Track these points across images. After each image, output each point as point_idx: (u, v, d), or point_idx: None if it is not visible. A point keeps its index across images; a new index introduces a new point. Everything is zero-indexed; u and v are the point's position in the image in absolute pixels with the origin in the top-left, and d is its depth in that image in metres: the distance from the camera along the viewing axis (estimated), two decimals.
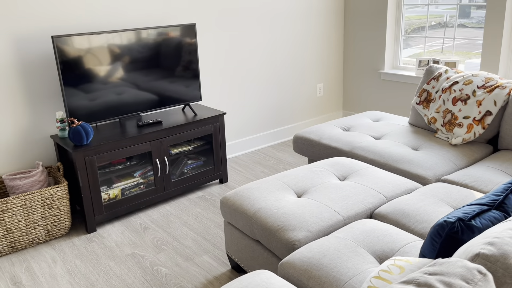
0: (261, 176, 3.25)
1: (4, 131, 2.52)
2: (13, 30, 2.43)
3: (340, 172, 2.18)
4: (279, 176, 2.12)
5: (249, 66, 3.56)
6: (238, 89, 3.54)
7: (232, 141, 3.61)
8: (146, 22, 2.93)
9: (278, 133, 3.93)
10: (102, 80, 2.58)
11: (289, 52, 3.81)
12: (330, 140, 2.66)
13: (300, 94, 4.02)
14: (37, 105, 2.60)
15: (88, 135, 2.43)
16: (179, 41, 2.83)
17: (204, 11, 3.18)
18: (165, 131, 2.71)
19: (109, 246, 2.40)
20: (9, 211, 2.28)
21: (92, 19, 2.69)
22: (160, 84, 2.83)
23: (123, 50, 2.62)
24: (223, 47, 3.35)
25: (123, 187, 2.68)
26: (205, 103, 3.37)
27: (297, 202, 1.88)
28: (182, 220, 2.65)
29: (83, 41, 2.45)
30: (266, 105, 3.77)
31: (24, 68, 2.51)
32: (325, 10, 3.97)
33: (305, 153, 2.80)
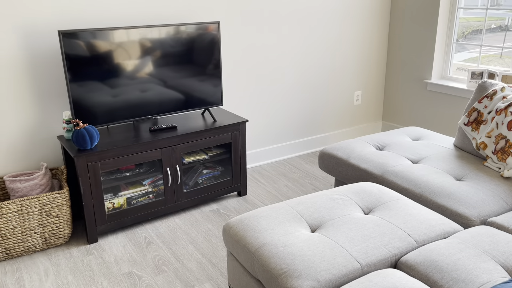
0: (283, 191, 2.97)
1: (10, 129, 2.39)
2: (21, 25, 2.28)
3: (365, 202, 1.87)
4: (293, 203, 1.84)
5: (278, 70, 3.28)
6: (266, 93, 3.27)
7: (256, 148, 3.36)
8: (163, 18, 2.71)
9: (308, 143, 3.63)
10: (113, 80, 2.39)
11: (324, 56, 3.49)
12: (359, 160, 2.34)
13: (335, 102, 3.69)
14: (46, 103, 2.46)
15: (93, 139, 2.25)
16: (200, 40, 2.60)
17: (229, 9, 2.93)
18: (178, 138, 2.49)
19: (107, 261, 2.22)
20: (4, 217, 2.14)
21: (105, 14, 2.50)
22: (178, 86, 2.61)
23: (137, 48, 2.41)
24: (249, 49, 3.09)
25: (130, 195, 2.49)
26: (228, 108, 3.12)
27: (309, 239, 1.59)
28: (189, 236, 2.43)
29: (92, 38, 2.26)
30: (296, 111, 3.48)
31: (33, 65, 2.36)
32: (368, 10, 3.61)
33: (331, 171, 2.50)
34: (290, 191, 2.97)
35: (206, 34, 2.61)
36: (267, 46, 3.16)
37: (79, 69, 2.27)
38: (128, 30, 2.35)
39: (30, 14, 2.29)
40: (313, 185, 3.06)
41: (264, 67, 3.20)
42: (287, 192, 2.95)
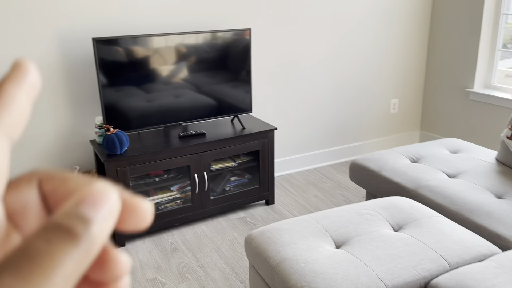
0: (312, 201, 2.90)
1: (46, 132, 2.46)
2: (58, 32, 2.34)
3: (395, 218, 1.78)
4: (318, 216, 1.78)
5: (310, 76, 3.22)
6: (298, 100, 3.22)
7: (286, 156, 3.30)
8: (194, 25, 2.72)
9: (340, 152, 3.54)
10: (144, 87, 2.41)
11: (358, 62, 3.40)
12: (392, 173, 2.24)
13: (370, 110, 3.58)
14: (80, 108, 2.51)
15: (123, 144, 2.27)
16: (231, 47, 2.58)
17: (261, 16, 2.90)
18: (206, 145, 2.48)
19: (133, 266, 2.23)
20: None
21: (136, 21, 2.54)
22: (209, 93, 2.60)
23: (168, 55, 2.43)
24: (281, 55, 3.05)
25: (158, 201, 2.50)
26: (258, 115, 3.09)
27: (332, 255, 1.53)
28: (215, 244, 2.41)
29: (123, 45, 2.30)
30: (328, 119, 3.40)
31: (68, 71, 2.42)
32: (406, 15, 3.49)
33: (362, 183, 2.41)
34: (320, 202, 2.89)
35: (238, 40, 2.59)
36: (299, 52, 3.11)
37: (111, 76, 2.31)
38: (159, 37, 2.37)
39: (67, 22, 2.35)
40: (344, 196, 2.97)
41: (296, 74, 3.15)
42: (316, 203, 2.88)
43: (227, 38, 2.55)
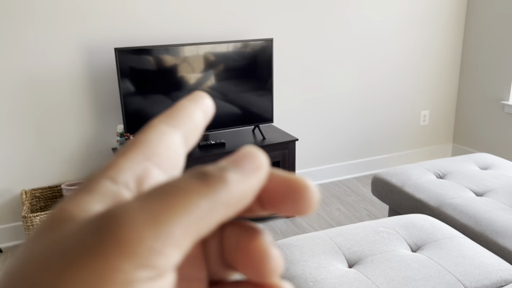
0: (334, 215, 2.83)
1: (70, 140, 2.52)
2: (82, 42, 2.41)
3: (413, 238, 1.69)
4: (332, 233, 1.72)
5: (335, 86, 3.15)
6: (321, 111, 3.16)
7: (310, 168, 3.25)
8: (214, 36, 2.72)
9: (367, 164, 3.45)
10: (165, 96, 2.43)
11: (386, 72, 3.30)
12: (415, 189, 2.15)
13: (399, 121, 3.47)
14: (103, 117, 2.57)
15: None
16: (253, 57, 2.57)
17: (284, 25, 2.87)
18: (225, 155, 2.47)
19: None
20: None
21: (158, 31, 2.57)
22: (229, 104, 2.60)
23: (188, 65, 2.44)
24: (304, 64, 3.01)
25: None
26: (281, 125, 3.06)
27: (343, 275, 1.47)
28: None
29: (144, 55, 2.33)
30: (354, 130, 3.32)
31: (92, 80, 2.48)
32: (439, 22, 3.37)
33: (384, 199, 2.33)
34: (342, 216, 2.82)
35: (259, 50, 2.58)
36: (324, 61, 3.06)
37: (132, 85, 2.34)
38: (178, 47, 2.39)
39: (91, 33, 2.41)
40: (368, 211, 2.88)
41: (320, 83, 3.10)
42: (338, 217, 2.81)
43: (249, 48, 2.55)
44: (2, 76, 2.30)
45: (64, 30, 2.36)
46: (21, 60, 2.32)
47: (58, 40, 2.36)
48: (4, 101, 2.34)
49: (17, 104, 2.37)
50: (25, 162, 2.46)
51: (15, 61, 2.31)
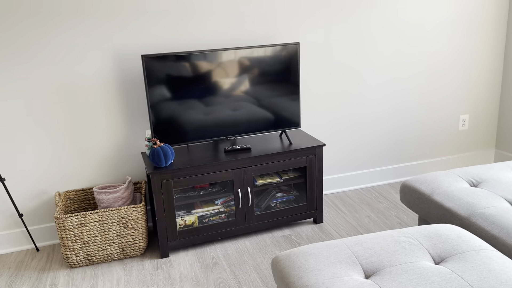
0: (364, 223, 2.75)
1: (102, 144, 2.61)
2: (113, 51, 2.49)
3: (437, 249, 1.61)
4: (350, 242, 1.67)
5: (368, 89, 3.08)
6: (354, 115, 3.09)
7: (341, 173, 3.18)
8: (238, 42, 2.73)
9: (401, 170, 3.33)
10: (192, 102, 2.47)
11: (421, 75, 3.18)
12: (444, 197, 2.05)
13: (436, 126, 3.33)
14: (133, 121, 2.64)
15: (167, 157, 2.34)
16: (279, 61, 2.56)
17: (313, 29, 2.84)
18: (250, 160, 2.47)
19: (173, 277, 2.27)
20: (87, 225, 2.33)
21: (185, 39, 2.61)
22: (255, 108, 2.60)
23: (214, 72, 2.46)
24: (334, 68, 2.96)
25: (202, 214, 2.53)
26: (311, 130, 3.02)
27: (358, 286, 1.42)
28: (255, 262, 2.37)
29: (171, 61, 2.37)
30: (388, 135, 3.22)
31: (122, 86, 2.56)
32: (479, 22, 3.21)
33: (412, 207, 2.24)
34: (372, 223, 2.74)
35: (286, 55, 2.56)
36: (353, 65, 2.99)
37: (159, 91, 2.39)
38: (205, 53, 2.42)
39: (121, 40, 2.49)
40: (399, 219, 2.78)
41: (351, 86, 3.03)
42: (367, 224, 2.73)
43: (274, 53, 2.53)
44: (38, 83, 2.42)
45: (95, 38, 2.45)
46: (54, 68, 2.43)
47: (90, 48, 2.45)
48: (40, 107, 2.46)
49: (52, 110, 2.49)
50: (59, 166, 2.58)
51: (49, 69, 2.42)
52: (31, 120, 2.47)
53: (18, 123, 2.45)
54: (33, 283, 2.29)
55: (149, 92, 2.37)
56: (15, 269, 2.42)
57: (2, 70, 2.35)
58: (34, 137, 2.50)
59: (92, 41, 2.45)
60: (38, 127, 2.49)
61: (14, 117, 2.44)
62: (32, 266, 2.45)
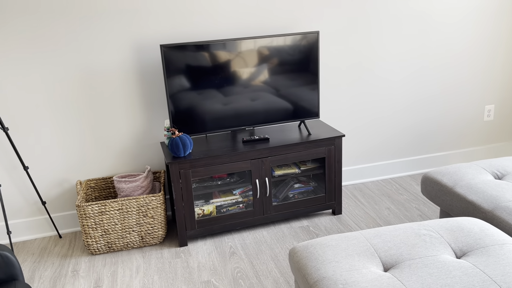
0: (383, 215, 2.72)
1: (122, 133, 2.64)
2: (133, 39, 2.50)
3: (459, 243, 1.58)
4: (369, 234, 1.65)
5: (388, 78, 3.01)
6: (374, 106, 3.04)
7: (361, 164, 3.14)
8: (259, 30, 2.70)
9: (423, 161, 3.27)
10: (210, 92, 2.46)
11: (444, 64, 3.10)
12: (467, 190, 2.00)
13: (459, 117, 3.25)
14: (152, 111, 2.65)
15: (186, 147, 2.34)
16: (298, 51, 2.52)
17: (333, 18, 2.78)
18: (268, 150, 2.46)
19: (191, 266, 2.29)
20: (107, 213, 2.37)
21: (204, 28, 2.59)
22: (273, 98, 2.57)
23: (235, 59, 2.45)
24: (354, 57, 2.90)
25: (220, 203, 2.54)
26: (330, 121, 2.98)
27: (376, 279, 1.40)
28: (273, 252, 2.37)
29: (189, 51, 2.36)
30: (408, 125, 3.16)
31: (142, 76, 2.57)
32: (504, 10, 3.10)
33: (434, 199, 2.19)
34: (392, 215, 2.70)
35: (305, 44, 2.52)
36: (374, 53, 2.93)
37: (178, 81, 2.39)
38: (223, 42, 2.40)
39: (140, 30, 2.49)
40: (420, 211, 2.73)
41: (371, 76, 2.97)
42: (387, 216, 2.69)
43: (294, 42, 2.50)
44: (59, 73, 2.45)
45: (116, 28, 2.46)
46: (76, 58, 2.45)
47: (110, 39, 2.46)
48: (63, 98, 2.50)
49: (74, 100, 2.52)
50: (81, 155, 2.62)
51: (71, 59, 2.45)
52: (54, 110, 2.51)
53: (41, 113, 2.49)
54: (55, 269, 2.34)
55: (168, 82, 2.38)
56: (39, 255, 2.48)
57: (26, 60, 2.39)
58: (56, 127, 2.54)
59: (112, 32, 2.46)
60: (60, 117, 2.52)
61: (38, 107, 2.48)
62: (55, 252, 2.50)
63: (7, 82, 2.40)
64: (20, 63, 2.39)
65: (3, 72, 2.38)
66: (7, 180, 2.55)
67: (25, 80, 2.42)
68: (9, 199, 2.58)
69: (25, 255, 2.49)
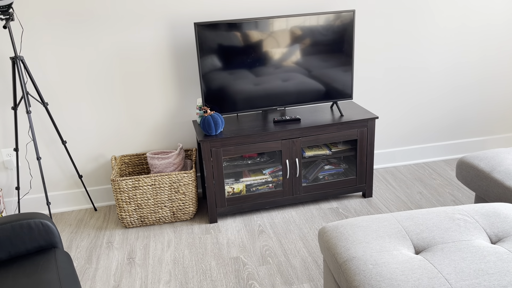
0: (415, 199, 2.67)
1: (155, 111, 2.68)
2: (167, 16, 2.51)
3: (494, 229, 1.54)
4: (401, 217, 1.63)
5: (425, 61, 2.92)
6: (410, 88, 2.96)
7: (394, 147, 3.08)
8: (293, 9, 2.65)
9: (458, 146, 3.18)
10: (243, 72, 2.46)
11: (485, 44, 2.97)
12: (505, 175, 1.94)
13: (499, 99, 3.13)
14: (185, 90, 2.68)
15: (217, 126, 2.36)
16: (334, 30, 2.48)
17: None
18: (299, 131, 2.45)
19: (220, 242, 2.34)
20: (140, 189, 2.43)
21: (238, 5, 2.57)
22: (305, 78, 2.55)
23: (266, 40, 2.43)
24: (390, 38, 2.82)
25: (250, 182, 2.56)
26: (364, 103, 2.93)
27: (407, 261, 1.39)
28: (302, 232, 2.38)
29: (223, 29, 2.36)
30: (444, 108, 3.07)
31: (176, 54, 2.59)
32: None
33: (469, 185, 2.13)
34: (424, 200, 2.65)
35: (339, 24, 2.47)
36: (410, 33, 2.84)
37: (212, 59, 2.40)
38: (256, 21, 2.38)
39: (175, 7, 2.50)
40: (453, 196, 2.67)
41: (406, 58, 2.89)
42: (419, 201, 2.65)
43: (329, 21, 2.45)
44: (95, 51, 2.50)
45: (149, 5, 2.48)
46: (112, 36, 2.49)
47: (144, 15, 2.49)
48: (98, 74, 2.55)
49: (109, 77, 2.57)
50: (116, 131, 2.68)
51: (107, 37, 2.49)
52: (91, 87, 2.57)
53: (79, 89, 2.56)
54: (91, 240, 2.44)
55: (201, 61, 2.39)
56: (76, 226, 2.58)
57: (66, 38, 2.45)
58: (93, 103, 2.60)
59: (146, 8, 2.48)
60: (97, 94, 2.59)
61: (76, 83, 2.55)
62: (90, 224, 2.60)
63: (47, 58, 2.47)
64: (60, 39, 2.45)
65: (44, 48, 2.45)
66: (47, 154, 2.65)
67: (64, 56, 2.48)
68: (48, 172, 2.69)
69: (63, 226, 2.60)
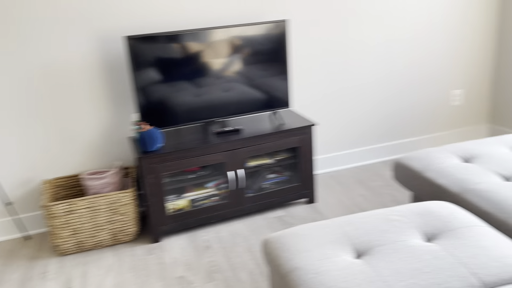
0: (357, 201, 2.73)
1: (88, 129, 2.56)
2: (96, 32, 2.41)
3: (428, 227, 1.59)
4: (342, 222, 1.65)
5: (357, 67, 3.02)
6: (345, 93, 3.04)
7: (334, 152, 3.15)
8: (225, 20, 2.66)
9: (394, 147, 3.30)
10: (178, 84, 2.41)
11: (414, 48, 3.12)
12: (436, 174, 2.02)
13: (428, 102, 3.29)
14: (119, 105, 2.58)
15: (155, 141, 2.29)
16: (267, 40, 2.49)
17: (300, 5, 2.76)
18: (240, 142, 2.43)
19: (164, 262, 2.25)
20: (75, 212, 2.30)
21: (168, 18, 2.53)
22: (245, 88, 2.54)
23: (206, 49, 2.40)
24: (324, 44, 2.89)
25: (194, 197, 2.50)
26: (302, 110, 2.97)
27: (347, 266, 1.40)
28: (248, 243, 2.36)
29: (154, 42, 2.30)
30: (379, 112, 3.18)
31: (107, 69, 2.49)
32: None
33: (405, 184, 2.21)
34: (366, 202, 2.72)
35: (275, 33, 2.49)
36: (344, 41, 2.93)
37: (145, 73, 2.33)
38: (192, 33, 2.35)
39: (104, 22, 2.41)
40: (393, 196, 2.76)
41: (342, 65, 2.97)
42: (361, 203, 2.71)
43: (262, 31, 2.47)
44: (18, 69, 2.35)
45: (76, 19, 2.37)
46: (35, 53, 2.35)
47: (71, 30, 2.37)
48: (22, 94, 2.40)
49: (35, 96, 2.42)
50: (47, 153, 2.53)
51: (30, 54, 2.35)
52: (15, 106, 2.41)
53: (1, 109, 2.39)
54: (23, 271, 2.27)
55: (136, 74, 2.31)
56: (6, 258, 2.39)
57: None
58: (19, 124, 2.44)
59: (73, 23, 2.37)
60: (20, 114, 2.43)
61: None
62: (22, 254, 2.42)
63: None
64: None
65: None
66: None
67: None
68: None
69: None
